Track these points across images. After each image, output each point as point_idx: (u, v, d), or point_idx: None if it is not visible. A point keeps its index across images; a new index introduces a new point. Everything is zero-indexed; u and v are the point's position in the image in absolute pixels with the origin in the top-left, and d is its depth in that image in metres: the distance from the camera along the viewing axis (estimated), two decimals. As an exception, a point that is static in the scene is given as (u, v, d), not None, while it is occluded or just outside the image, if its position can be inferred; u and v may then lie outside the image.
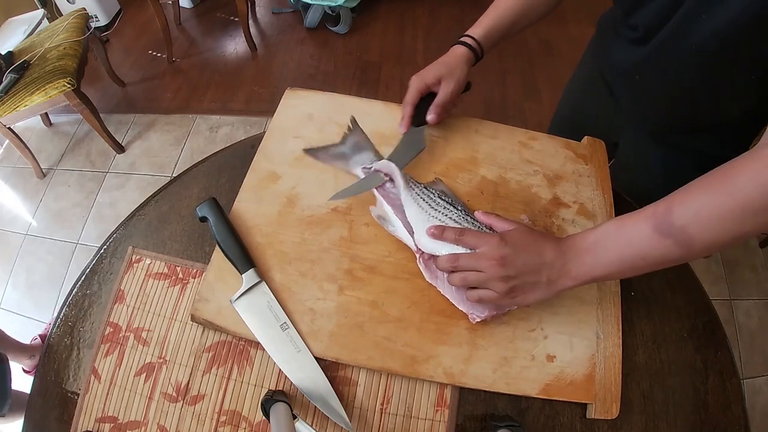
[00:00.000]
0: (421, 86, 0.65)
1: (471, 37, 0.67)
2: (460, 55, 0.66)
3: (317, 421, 0.55)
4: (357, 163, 0.66)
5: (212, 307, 0.57)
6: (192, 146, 1.94)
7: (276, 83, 2.14)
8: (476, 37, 0.67)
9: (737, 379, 0.59)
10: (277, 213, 0.64)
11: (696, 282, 0.65)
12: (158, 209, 0.69)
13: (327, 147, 0.69)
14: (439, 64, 0.66)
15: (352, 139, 0.69)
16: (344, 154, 0.68)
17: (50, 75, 1.55)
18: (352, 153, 0.68)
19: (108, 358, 0.59)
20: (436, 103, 0.65)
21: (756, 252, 1.71)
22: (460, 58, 0.66)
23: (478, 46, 0.67)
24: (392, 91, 2.07)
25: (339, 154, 0.68)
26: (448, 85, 0.64)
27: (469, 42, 0.66)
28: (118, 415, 0.56)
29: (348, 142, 0.69)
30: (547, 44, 2.15)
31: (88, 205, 1.81)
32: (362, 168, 0.66)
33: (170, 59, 2.23)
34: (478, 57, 0.67)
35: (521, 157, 0.70)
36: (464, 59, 0.66)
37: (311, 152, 0.68)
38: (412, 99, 0.66)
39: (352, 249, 0.61)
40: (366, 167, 0.65)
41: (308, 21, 2.27)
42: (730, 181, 0.41)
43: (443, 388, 0.56)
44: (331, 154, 0.68)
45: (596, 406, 0.54)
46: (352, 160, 0.67)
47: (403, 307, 0.57)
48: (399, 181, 0.61)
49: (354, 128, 0.70)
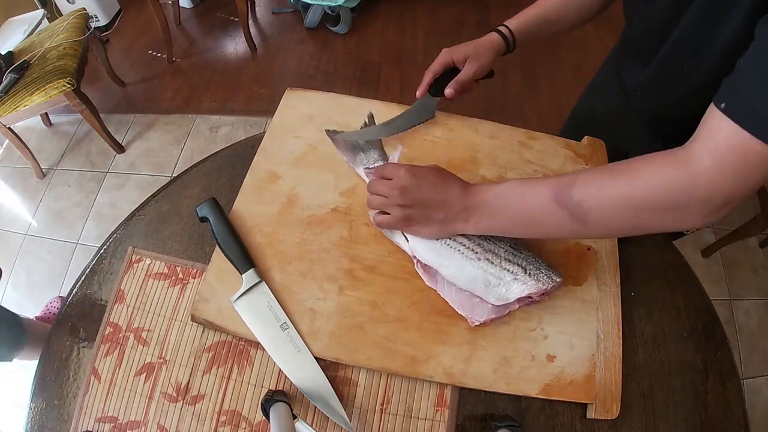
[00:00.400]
0: (447, 59, 0.67)
1: (506, 27, 0.68)
2: (491, 42, 0.68)
3: (317, 421, 0.55)
4: (363, 160, 0.67)
5: (212, 307, 0.57)
6: (192, 146, 1.94)
7: (276, 83, 2.14)
8: (511, 28, 0.68)
9: (737, 379, 0.59)
10: (277, 213, 0.64)
11: (696, 282, 0.65)
12: (158, 209, 0.69)
13: (344, 132, 0.69)
14: (470, 45, 0.67)
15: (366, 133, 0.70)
16: (355, 147, 0.68)
17: (50, 75, 1.55)
18: (363, 148, 0.68)
19: (108, 358, 0.59)
20: (456, 79, 0.67)
21: (756, 252, 1.71)
22: (490, 45, 0.67)
23: (511, 36, 0.68)
24: (392, 91, 2.06)
25: (352, 145, 0.68)
26: (473, 65, 0.66)
27: (504, 31, 0.68)
28: (118, 415, 0.56)
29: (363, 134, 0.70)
30: (548, 44, 2.15)
31: (88, 205, 1.81)
32: (365, 168, 0.66)
33: (170, 59, 2.23)
34: (510, 48, 0.69)
35: (521, 157, 0.70)
36: (494, 46, 0.67)
37: (331, 133, 0.69)
38: (435, 68, 0.67)
39: (352, 249, 0.61)
40: (368, 168, 0.65)
41: (308, 21, 2.27)
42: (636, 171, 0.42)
43: (443, 388, 0.56)
44: (347, 141, 0.69)
45: (596, 406, 0.54)
46: (359, 156, 0.67)
47: (403, 307, 0.57)
48: None
49: (370, 124, 0.71)
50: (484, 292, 0.54)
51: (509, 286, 0.54)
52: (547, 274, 0.54)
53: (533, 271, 0.54)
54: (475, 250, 0.55)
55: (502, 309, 0.55)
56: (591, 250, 0.62)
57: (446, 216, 0.53)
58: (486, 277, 0.54)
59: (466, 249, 0.55)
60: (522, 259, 0.55)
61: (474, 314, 0.55)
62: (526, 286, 0.53)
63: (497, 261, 0.55)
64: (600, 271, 0.61)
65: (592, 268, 0.61)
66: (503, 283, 0.54)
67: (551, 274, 0.54)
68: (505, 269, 0.54)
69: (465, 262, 0.55)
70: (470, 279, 0.55)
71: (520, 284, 0.53)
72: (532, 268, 0.54)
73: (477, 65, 0.66)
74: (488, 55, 0.67)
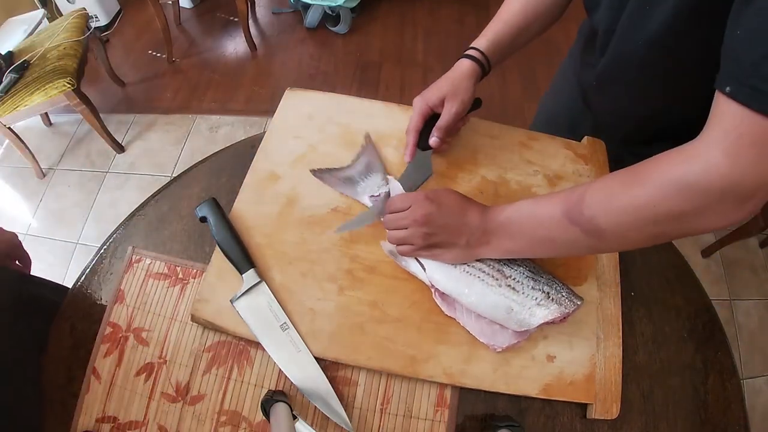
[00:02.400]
0: (424, 109, 0.61)
1: (476, 49, 0.62)
2: (465, 71, 0.61)
3: (317, 421, 0.55)
4: (365, 190, 0.64)
5: (212, 307, 0.57)
6: (192, 146, 1.94)
7: (276, 83, 2.14)
8: (482, 49, 0.62)
9: (737, 379, 0.59)
10: (278, 213, 0.64)
11: (696, 282, 0.65)
12: (158, 209, 0.69)
13: (334, 170, 0.66)
14: (443, 82, 0.61)
15: (364, 159, 0.67)
16: (352, 179, 0.65)
17: (50, 75, 1.55)
18: (361, 177, 0.65)
19: (108, 358, 0.59)
20: (438, 125, 0.61)
21: (756, 252, 1.71)
22: (465, 74, 0.61)
23: (484, 59, 0.62)
24: (392, 91, 2.06)
25: (347, 179, 0.65)
26: (452, 105, 0.60)
27: (475, 55, 0.61)
28: (118, 415, 0.56)
29: (359, 163, 0.67)
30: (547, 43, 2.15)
31: (88, 205, 1.81)
32: (370, 197, 0.63)
33: (170, 59, 2.23)
34: (485, 71, 0.63)
35: (521, 158, 0.70)
36: (469, 74, 0.61)
37: (318, 174, 0.66)
38: (415, 125, 0.62)
39: (352, 249, 0.61)
40: (374, 195, 0.63)
41: (308, 21, 2.27)
42: (645, 176, 0.39)
43: (443, 388, 0.56)
44: (339, 177, 0.65)
45: (596, 406, 0.54)
46: (360, 187, 0.64)
47: (403, 307, 0.57)
48: None
49: (367, 146, 0.68)
50: (506, 319, 0.53)
51: (532, 311, 0.52)
52: (569, 298, 0.53)
53: (555, 295, 0.53)
54: (495, 276, 0.54)
55: (523, 334, 0.54)
56: (591, 250, 0.62)
57: (468, 240, 0.51)
58: (508, 303, 0.53)
59: (486, 275, 0.54)
60: (543, 283, 0.53)
61: (495, 341, 0.54)
62: (549, 311, 0.52)
63: (519, 287, 0.53)
64: (600, 271, 0.61)
65: (592, 268, 0.61)
66: (525, 309, 0.52)
67: (573, 298, 0.53)
68: (527, 295, 0.53)
69: (486, 289, 0.53)
70: (492, 306, 0.53)
71: (543, 309, 0.52)
72: (554, 293, 0.53)
73: (457, 103, 0.60)
74: (466, 87, 0.60)
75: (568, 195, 0.44)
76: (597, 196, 0.42)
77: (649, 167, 0.39)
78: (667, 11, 0.46)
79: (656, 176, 0.38)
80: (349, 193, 0.65)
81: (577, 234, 0.43)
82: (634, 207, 0.39)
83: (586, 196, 0.42)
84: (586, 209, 0.42)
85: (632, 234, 0.41)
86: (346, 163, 0.67)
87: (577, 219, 0.43)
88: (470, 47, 0.63)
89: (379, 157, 0.67)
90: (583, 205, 0.42)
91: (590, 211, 0.42)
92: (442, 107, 0.61)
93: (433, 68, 2.11)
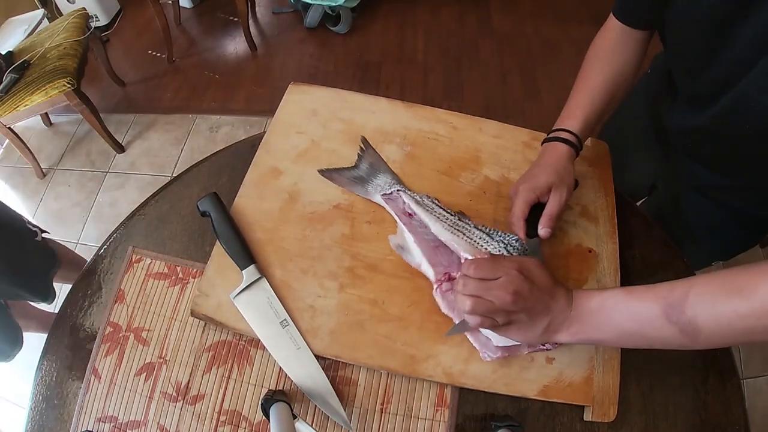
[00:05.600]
0: (532, 199, 0.58)
1: (569, 132, 0.61)
2: (563, 156, 0.60)
3: (317, 421, 0.54)
4: (376, 189, 0.64)
5: (212, 302, 0.57)
6: (192, 146, 1.94)
7: (276, 83, 2.14)
8: (575, 132, 0.61)
9: (737, 379, 0.58)
10: (279, 209, 0.64)
11: (696, 282, 0.65)
12: (158, 209, 0.69)
13: (342, 170, 0.67)
14: (546, 171, 0.59)
15: (366, 161, 0.67)
16: (361, 178, 0.66)
17: (50, 75, 1.55)
18: (369, 177, 0.65)
19: (108, 358, 0.59)
20: (549, 214, 0.58)
21: (756, 252, 1.70)
22: (565, 160, 0.59)
23: (578, 141, 0.61)
24: (392, 91, 2.06)
25: (356, 178, 0.66)
26: (561, 194, 0.58)
27: (570, 139, 0.60)
28: (118, 415, 0.56)
29: (362, 164, 0.67)
30: (548, 44, 2.15)
31: (88, 205, 1.81)
32: (382, 195, 0.63)
33: (170, 59, 2.23)
34: (578, 152, 0.62)
35: (524, 158, 0.70)
36: (569, 159, 0.60)
37: (326, 173, 0.66)
38: (522, 213, 0.58)
39: (354, 246, 0.61)
40: (386, 193, 0.63)
41: (308, 21, 2.27)
42: (752, 288, 0.39)
43: (443, 388, 0.56)
44: (347, 177, 0.66)
45: (594, 408, 0.54)
46: (370, 186, 0.65)
47: (403, 305, 0.57)
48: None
49: (366, 149, 0.68)
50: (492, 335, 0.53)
51: None
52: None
53: None
54: None
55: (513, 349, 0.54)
56: (592, 252, 0.62)
57: (550, 324, 0.47)
58: None
59: None
60: None
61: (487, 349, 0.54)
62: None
63: None
64: (601, 273, 0.61)
65: (593, 271, 0.61)
66: None
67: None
68: None
69: None
70: None
71: None
72: None
73: (565, 191, 0.58)
74: (569, 173, 0.59)
75: (669, 292, 0.43)
76: (702, 298, 0.41)
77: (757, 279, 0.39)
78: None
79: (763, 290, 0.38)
80: (360, 193, 0.64)
81: (674, 333, 0.42)
82: (738, 317, 0.39)
83: (690, 297, 0.42)
84: (689, 309, 0.41)
85: (728, 339, 0.41)
86: (349, 159, 0.68)
87: (677, 319, 0.42)
88: (562, 128, 0.62)
89: (380, 158, 0.68)
90: (686, 305, 0.41)
91: (692, 312, 0.41)
92: (548, 196, 0.59)
93: (434, 68, 2.11)
